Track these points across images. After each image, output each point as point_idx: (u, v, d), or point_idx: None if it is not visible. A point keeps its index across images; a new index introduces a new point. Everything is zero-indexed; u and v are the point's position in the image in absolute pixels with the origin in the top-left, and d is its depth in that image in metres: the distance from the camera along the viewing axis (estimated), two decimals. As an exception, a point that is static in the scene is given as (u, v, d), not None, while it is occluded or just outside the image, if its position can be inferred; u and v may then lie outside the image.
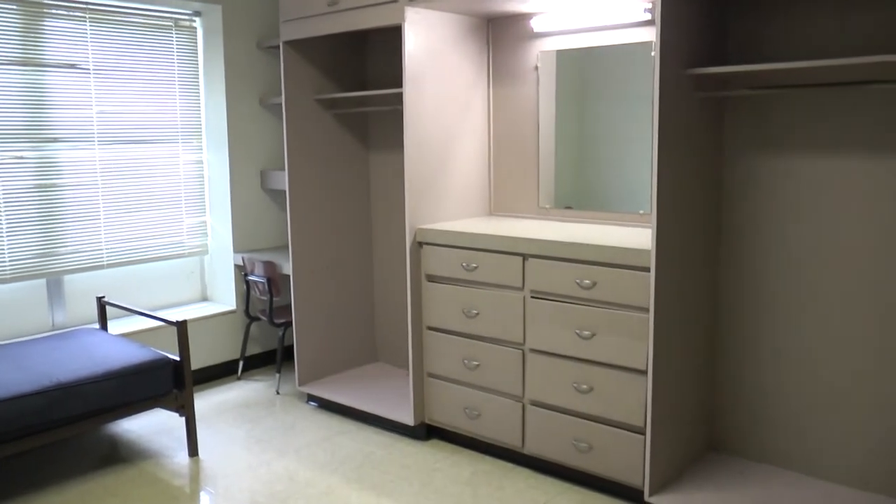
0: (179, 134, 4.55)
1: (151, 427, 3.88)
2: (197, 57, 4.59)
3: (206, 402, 4.23)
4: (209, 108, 4.63)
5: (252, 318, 4.54)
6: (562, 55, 3.54)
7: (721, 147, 3.12)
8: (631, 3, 3.20)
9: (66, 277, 4.19)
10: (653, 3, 3.12)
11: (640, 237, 3.05)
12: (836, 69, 2.70)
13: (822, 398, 3.00)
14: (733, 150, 3.10)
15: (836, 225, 2.90)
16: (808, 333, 3.01)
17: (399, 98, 3.88)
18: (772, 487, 2.97)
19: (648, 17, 3.20)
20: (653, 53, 2.74)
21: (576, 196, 3.62)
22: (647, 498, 2.90)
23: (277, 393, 4.36)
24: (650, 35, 3.22)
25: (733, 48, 3.03)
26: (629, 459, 2.96)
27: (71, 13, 4.02)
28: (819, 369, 3.00)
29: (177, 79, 4.50)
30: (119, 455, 3.57)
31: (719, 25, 3.01)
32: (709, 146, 3.05)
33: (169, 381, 3.43)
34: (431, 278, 3.52)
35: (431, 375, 3.60)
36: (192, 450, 3.54)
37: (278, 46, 4.07)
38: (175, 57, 4.48)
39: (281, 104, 4.15)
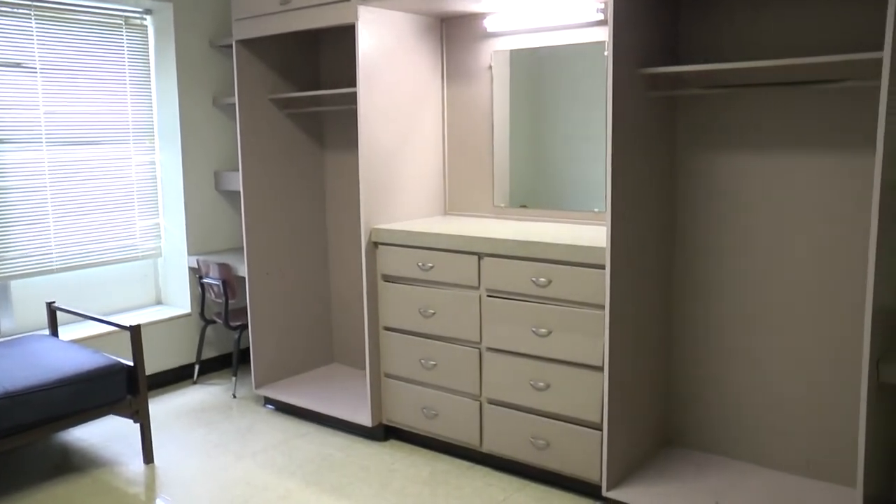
0: (131, 134, 4.47)
1: (105, 434, 3.80)
2: (148, 56, 4.51)
3: (161, 407, 4.16)
4: (161, 108, 4.55)
5: (207, 322, 4.48)
6: (515, 55, 3.56)
7: (674, 145, 3.17)
8: (583, 3, 3.23)
9: (14, 282, 4.08)
10: (605, 3, 3.15)
11: (594, 235, 3.08)
12: (783, 69, 2.75)
13: (770, 391, 3.06)
14: (686, 148, 3.15)
15: (784, 222, 2.96)
16: (756, 328, 3.07)
17: (353, 97, 3.87)
18: (725, 478, 3.02)
19: (601, 16, 3.23)
20: (606, 53, 2.77)
21: (531, 195, 3.64)
22: (604, 493, 2.93)
23: (234, 396, 4.31)
24: (603, 35, 3.25)
25: (685, 48, 3.08)
26: (586, 455, 2.99)
27: (15, 10, 3.92)
28: (768, 363, 3.06)
29: (128, 78, 4.42)
30: (71, 464, 3.50)
31: (671, 25, 3.05)
32: (662, 144, 3.09)
33: (122, 387, 3.36)
34: (387, 278, 3.51)
35: (388, 376, 3.59)
36: (148, 456, 3.48)
37: (231, 45, 4.02)
38: (126, 56, 4.40)
39: (234, 104, 4.11)
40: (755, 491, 2.92)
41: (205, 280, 4.33)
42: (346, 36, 4.04)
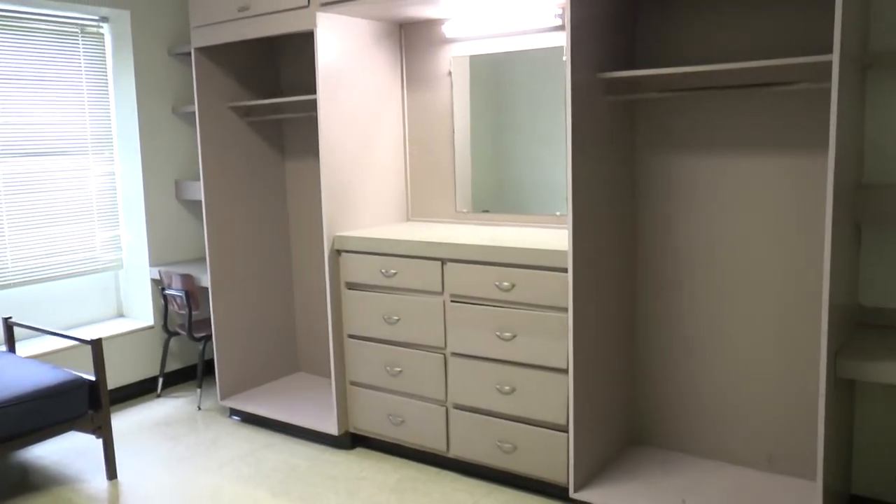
0: (89, 145, 4.40)
1: (66, 451, 3.73)
2: (105, 64, 4.45)
3: (124, 421, 4.09)
4: (120, 117, 4.49)
5: (171, 333, 4.42)
6: (475, 60, 3.57)
7: (633, 148, 3.20)
8: (542, 8, 3.25)
9: (-31, 298, 4.00)
10: (563, 8, 3.18)
11: (557, 238, 3.10)
12: (738, 72, 2.80)
13: (732, 389, 3.10)
14: (645, 150, 3.19)
15: (742, 221, 3.00)
16: (717, 327, 3.11)
17: (314, 104, 3.84)
18: (691, 476, 3.06)
19: (559, 22, 3.25)
20: (564, 58, 2.79)
21: (493, 199, 3.66)
22: (572, 494, 2.95)
23: (199, 408, 4.26)
24: (562, 40, 3.27)
25: (642, 53, 3.11)
26: (553, 457, 3.00)
27: (-34, 21, 3.85)
28: (730, 361, 3.10)
29: (85, 87, 4.35)
30: (31, 482, 3.42)
31: (629, 31, 3.09)
32: (622, 147, 3.12)
33: (84, 403, 3.31)
34: (351, 286, 3.50)
35: (354, 384, 3.57)
36: (111, 472, 3.42)
37: (190, 53, 3.98)
38: (82, 64, 4.33)
39: (194, 112, 4.06)
40: (719, 487, 2.96)
41: (167, 291, 4.28)
42: (305, 43, 4.02)
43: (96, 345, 3.34)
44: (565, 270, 2.85)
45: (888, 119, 2.71)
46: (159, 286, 4.38)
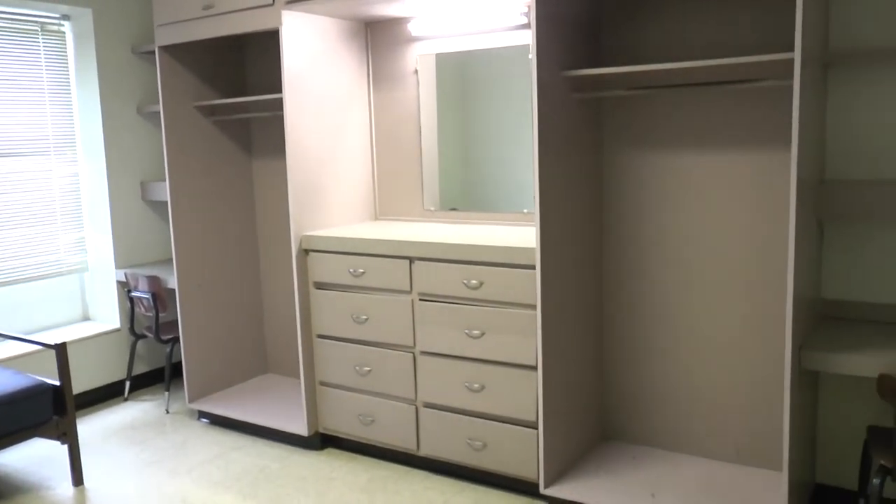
0: (51, 145, 4.32)
1: (30, 458, 3.66)
2: (68, 63, 4.37)
3: (90, 427, 4.03)
4: (83, 117, 4.42)
5: (138, 336, 4.36)
6: (441, 58, 3.57)
7: (600, 145, 3.22)
8: (507, 7, 3.25)
9: (-71, 303, 3.91)
10: (529, 6, 3.18)
11: (524, 236, 3.11)
12: (701, 70, 2.82)
13: (700, 383, 3.13)
14: (611, 147, 3.20)
15: (708, 217, 3.03)
16: (685, 323, 3.13)
17: (280, 104, 3.82)
18: (660, 469, 3.08)
19: (525, 20, 3.26)
20: (530, 56, 2.79)
21: (460, 197, 3.66)
22: (542, 490, 2.95)
23: (167, 412, 4.21)
24: (528, 38, 3.28)
25: (608, 51, 3.13)
26: (523, 454, 3.00)
27: (-79, 20, 3.76)
28: (697, 356, 3.13)
29: (46, 87, 4.28)
30: (-6, 489, 3.37)
31: (595, 29, 3.10)
32: (588, 145, 3.14)
33: (48, 409, 3.25)
34: (319, 285, 3.48)
35: (323, 384, 3.55)
36: (77, 479, 3.37)
37: (154, 52, 3.93)
38: (43, 63, 4.26)
39: (159, 112, 4.01)
40: (688, 480, 2.99)
41: (134, 294, 4.22)
42: (271, 41, 3.99)
43: (61, 349, 3.29)
44: (533, 267, 2.85)
45: (848, 116, 2.75)
46: (125, 288, 4.32)
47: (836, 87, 2.76)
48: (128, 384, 4.44)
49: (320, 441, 3.63)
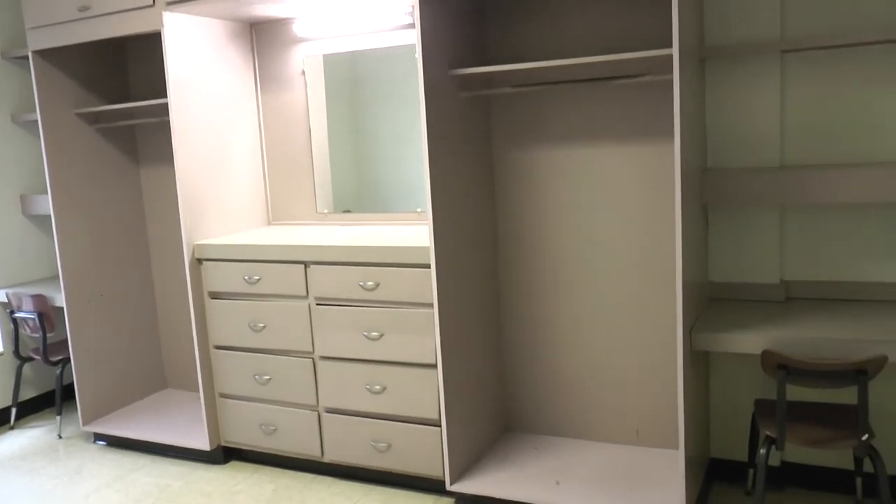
0: (-83, 161, 4.06)
1: None
2: (-69, 74, 4.12)
3: (-26, 457, 3.81)
4: (-48, 130, 4.17)
5: (24, 359, 4.13)
6: (329, 59, 3.53)
7: (491, 142, 3.25)
8: (391, 7, 3.24)
9: None
10: (413, 6, 3.17)
11: (419, 235, 3.11)
12: (585, 66, 2.87)
13: (598, 370, 3.21)
14: (502, 144, 3.24)
15: (599, 209, 3.10)
16: (580, 312, 3.20)
17: (166, 109, 3.69)
18: (563, 456, 3.14)
19: (410, 20, 3.25)
20: (417, 55, 2.79)
21: (354, 199, 3.63)
22: (448, 487, 2.96)
23: (59, 437, 4.01)
24: (414, 38, 3.26)
25: (495, 49, 3.16)
26: (428, 452, 3.00)
27: None
28: (593, 343, 3.20)
29: None
30: None
31: (480, 28, 3.12)
32: (479, 142, 3.16)
33: (-79, 440, 3.04)
34: (214, 295, 3.38)
35: (223, 396, 3.46)
36: (-42, 513, 3.18)
37: (28, 56, 3.73)
38: None
39: (37, 121, 3.81)
40: (591, 464, 3.05)
41: (17, 314, 4.00)
42: (154, 44, 3.85)
43: (-66, 377, 3.08)
44: (428, 266, 2.85)
45: (725, 107, 2.87)
46: (7, 309, 4.10)
47: (713, 81, 2.87)
48: (14, 410, 4.20)
49: (223, 455, 3.53)
